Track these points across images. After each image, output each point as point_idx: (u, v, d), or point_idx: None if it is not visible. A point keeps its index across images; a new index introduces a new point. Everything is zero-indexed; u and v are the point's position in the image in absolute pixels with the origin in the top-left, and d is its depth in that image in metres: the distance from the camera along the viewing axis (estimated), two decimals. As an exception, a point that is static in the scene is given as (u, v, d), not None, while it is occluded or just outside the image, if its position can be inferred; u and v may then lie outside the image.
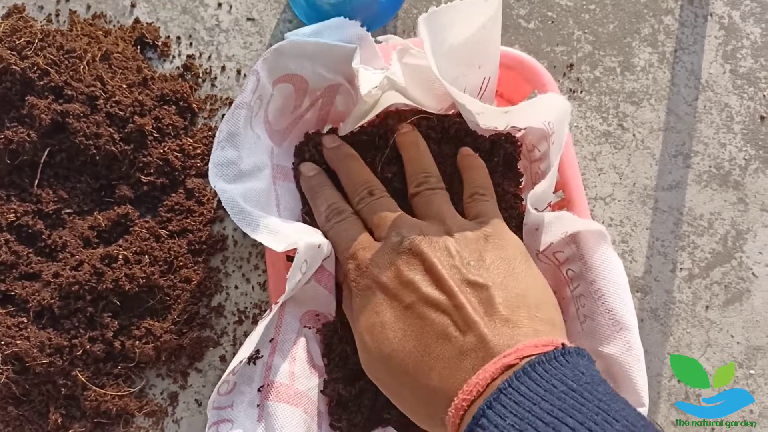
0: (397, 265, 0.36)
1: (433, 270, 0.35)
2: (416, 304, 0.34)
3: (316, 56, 0.40)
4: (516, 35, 0.53)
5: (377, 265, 0.36)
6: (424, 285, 0.35)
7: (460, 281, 0.34)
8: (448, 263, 0.35)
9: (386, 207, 0.39)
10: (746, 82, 0.52)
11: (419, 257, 0.36)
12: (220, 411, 0.35)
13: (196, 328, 0.46)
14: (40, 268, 0.44)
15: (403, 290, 0.35)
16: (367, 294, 0.36)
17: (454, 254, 0.35)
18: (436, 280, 0.35)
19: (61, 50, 0.46)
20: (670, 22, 0.53)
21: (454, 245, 0.36)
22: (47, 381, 0.43)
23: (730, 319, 0.48)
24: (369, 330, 0.35)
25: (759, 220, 0.50)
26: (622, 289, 0.37)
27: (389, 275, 0.36)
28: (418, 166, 0.41)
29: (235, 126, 0.37)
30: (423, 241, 0.36)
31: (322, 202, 0.41)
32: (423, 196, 0.40)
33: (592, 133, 0.51)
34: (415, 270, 0.35)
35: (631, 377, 0.35)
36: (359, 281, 0.37)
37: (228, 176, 0.37)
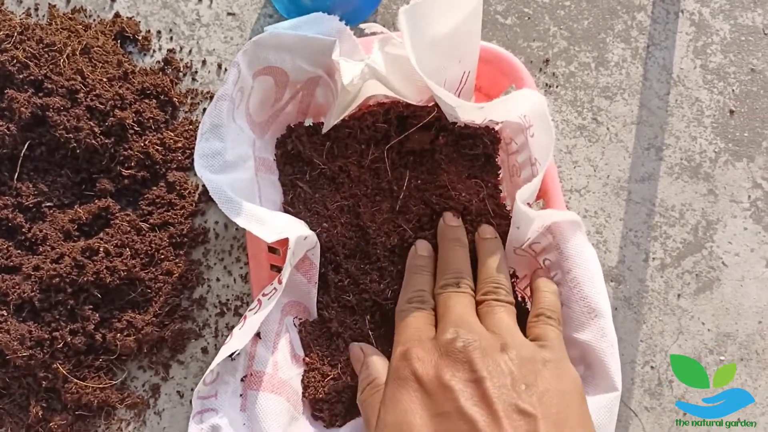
0: (441, 364, 0.33)
1: (480, 384, 0.32)
2: (452, 416, 0.31)
3: (296, 49, 0.40)
4: (493, 31, 0.54)
5: (421, 358, 0.34)
6: (464, 397, 0.32)
7: (507, 405, 0.31)
8: (499, 382, 0.32)
9: (462, 303, 0.37)
10: (716, 77, 0.54)
11: (468, 364, 0.33)
12: (204, 400, 0.36)
13: (178, 320, 0.46)
14: (21, 261, 0.44)
15: (441, 394, 0.32)
16: (402, 387, 0.34)
17: (507, 373, 0.33)
18: (482, 397, 0.32)
19: (41, 44, 0.46)
20: (643, 19, 0.54)
21: (508, 363, 0.33)
22: (28, 374, 0.43)
23: (701, 307, 0.50)
24: (395, 427, 0.32)
25: (728, 210, 0.51)
26: (596, 278, 0.38)
27: (430, 371, 0.33)
28: (492, 274, 0.39)
29: (218, 118, 0.38)
30: (476, 349, 0.33)
31: (415, 285, 0.39)
32: (488, 306, 0.37)
33: (568, 126, 0.52)
34: (459, 377, 0.33)
35: (604, 363, 0.36)
36: (398, 369, 0.35)
37: (214, 167, 0.37)
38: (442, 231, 0.41)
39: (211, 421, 0.35)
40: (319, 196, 0.44)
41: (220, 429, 0.34)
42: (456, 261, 0.40)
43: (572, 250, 0.39)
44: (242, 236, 0.48)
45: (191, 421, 0.34)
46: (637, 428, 0.47)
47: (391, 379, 0.35)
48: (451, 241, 0.41)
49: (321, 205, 0.43)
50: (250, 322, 0.35)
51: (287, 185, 0.44)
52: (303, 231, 0.38)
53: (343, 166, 0.44)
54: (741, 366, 0.49)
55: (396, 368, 0.35)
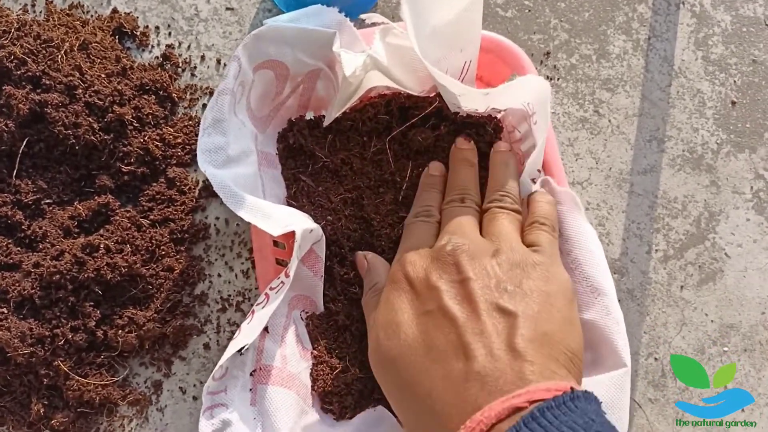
0: (431, 267, 0.35)
1: (464, 285, 0.34)
2: (434, 314, 0.33)
3: (296, 42, 0.40)
4: (494, 24, 0.53)
5: (413, 262, 0.36)
6: (448, 296, 0.34)
7: (489, 304, 0.33)
8: (483, 283, 0.34)
9: (464, 216, 0.38)
10: (717, 68, 0.54)
11: (455, 266, 0.35)
12: (214, 396, 0.35)
13: (180, 316, 0.46)
14: (20, 258, 0.43)
15: (427, 293, 0.34)
16: (394, 288, 0.36)
17: (492, 275, 0.34)
18: (465, 296, 0.33)
19: (38, 40, 0.46)
20: (644, 10, 0.54)
21: (495, 268, 0.34)
22: (29, 371, 0.42)
23: (704, 299, 0.50)
24: (385, 326, 0.35)
25: (731, 202, 0.51)
26: (597, 257, 0.38)
27: (420, 273, 0.35)
28: (500, 184, 0.40)
29: (220, 112, 0.37)
30: (465, 253, 0.35)
31: (424, 200, 0.41)
32: (491, 213, 0.39)
33: (569, 119, 0.52)
34: (446, 278, 0.34)
35: (611, 340, 0.36)
36: (394, 272, 0.37)
37: (217, 162, 0.37)
38: (452, 153, 0.43)
39: (221, 416, 0.34)
40: (323, 189, 0.43)
41: (230, 424, 0.34)
42: (463, 178, 0.41)
43: (572, 231, 0.39)
44: (243, 232, 0.48)
45: (201, 416, 0.34)
46: (641, 419, 0.47)
47: (388, 283, 0.37)
48: (460, 161, 0.42)
49: (324, 198, 0.43)
50: (258, 317, 0.35)
51: (290, 179, 0.44)
52: (308, 224, 0.37)
53: (346, 158, 0.44)
54: (744, 357, 0.49)
55: (393, 273, 0.37)
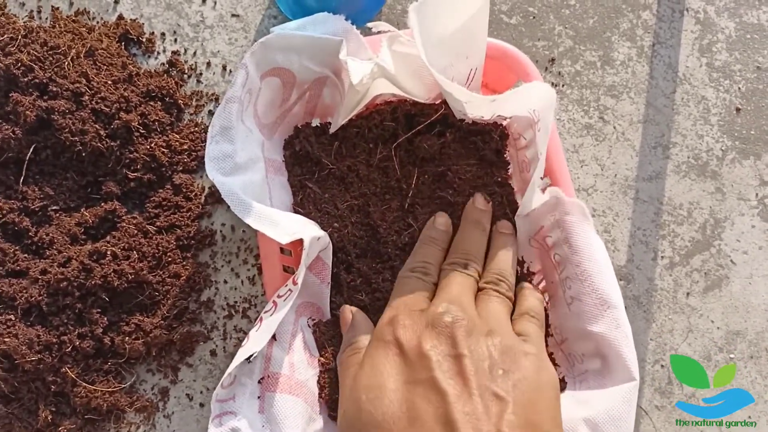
0: (425, 334, 0.34)
1: (458, 360, 0.33)
2: (424, 384, 0.32)
3: (303, 49, 0.40)
4: (498, 30, 0.53)
5: (405, 325, 0.35)
6: (440, 369, 0.32)
7: (482, 386, 0.32)
8: (478, 362, 0.33)
9: (463, 284, 0.37)
10: (722, 75, 0.54)
11: (451, 339, 0.33)
12: (223, 403, 0.35)
13: (186, 323, 0.46)
14: (27, 265, 0.44)
15: (418, 362, 0.33)
16: (382, 349, 0.34)
17: (486, 356, 0.33)
18: (458, 372, 0.32)
19: (45, 47, 0.46)
20: (648, 17, 0.54)
21: (490, 348, 0.34)
22: (36, 378, 0.42)
23: (710, 305, 0.50)
24: (368, 388, 0.33)
25: (736, 208, 0.51)
26: (606, 270, 0.38)
27: (412, 339, 0.34)
28: (498, 267, 0.40)
29: (227, 120, 0.37)
30: (463, 327, 0.34)
31: (423, 255, 0.40)
32: (486, 294, 0.38)
33: (574, 125, 0.52)
34: (440, 349, 0.33)
35: (620, 353, 0.36)
36: (383, 332, 0.35)
37: (225, 169, 0.37)
38: (467, 211, 0.42)
39: (230, 423, 0.35)
40: (329, 196, 0.43)
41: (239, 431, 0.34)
42: (471, 243, 0.40)
43: (581, 242, 0.39)
44: (249, 238, 0.48)
45: (210, 424, 0.34)
46: (648, 427, 0.47)
47: (374, 341, 0.35)
48: (473, 222, 0.41)
49: (331, 205, 0.43)
50: (267, 324, 0.35)
51: (296, 186, 0.44)
52: (316, 232, 0.37)
53: (352, 165, 0.44)
54: (751, 364, 0.49)
55: (381, 332, 0.35)
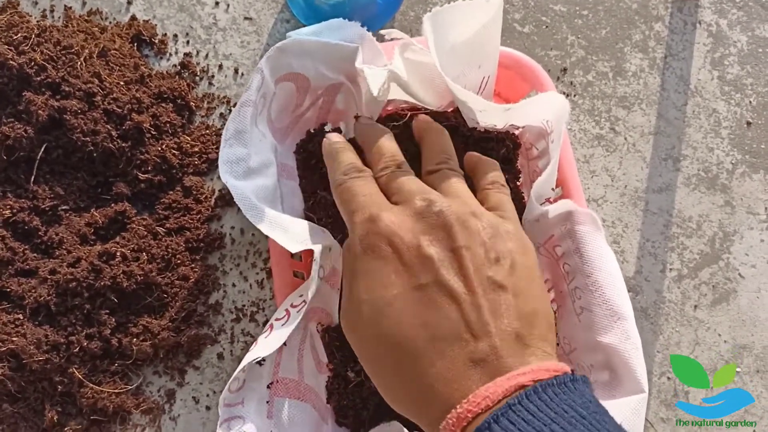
0: (420, 234, 0.32)
1: (458, 254, 0.32)
2: (431, 287, 0.31)
3: (319, 55, 0.40)
4: (511, 39, 0.53)
5: (394, 224, 0.32)
6: (444, 267, 0.31)
7: (483, 277, 0.31)
8: (475, 252, 0.32)
9: (412, 179, 0.36)
10: (733, 88, 0.54)
11: (447, 231, 0.32)
12: (231, 408, 0.35)
13: (194, 325, 0.46)
14: (37, 264, 0.43)
15: (420, 265, 0.32)
16: (376, 257, 0.32)
17: (480, 243, 0.32)
18: (460, 267, 0.31)
19: (58, 46, 0.46)
20: (661, 29, 0.54)
21: (481, 232, 0.33)
22: (43, 378, 0.42)
23: (718, 319, 0.50)
24: (371, 302, 0.32)
25: (745, 222, 0.51)
26: (617, 281, 0.38)
27: (408, 242, 0.32)
28: (439, 147, 0.38)
29: (242, 124, 0.37)
30: (453, 214, 0.32)
31: (344, 160, 0.37)
32: (442, 173, 0.36)
33: (585, 136, 0.52)
34: (439, 245, 0.32)
35: (630, 365, 0.36)
36: (369, 239, 0.33)
37: (238, 173, 0.37)
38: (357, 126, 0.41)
39: (238, 428, 0.35)
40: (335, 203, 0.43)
41: None
42: (388, 146, 0.38)
43: (592, 253, 0.39)
44: (258, 242, 0.48)
45: (219, 429, 0.34)
46: (654, 440, 0.47)
47: (361, 249, 0.33)
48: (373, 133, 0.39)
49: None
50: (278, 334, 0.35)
51: (307, 191, 0.44)
52: (327, 241, 0.37)
53: (364, 172, 0.44)
54: (757, 378, 0.49)
55: (365, 235, 0.33)
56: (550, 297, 0.34)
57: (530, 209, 0.41)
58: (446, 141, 0.39)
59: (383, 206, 0.34)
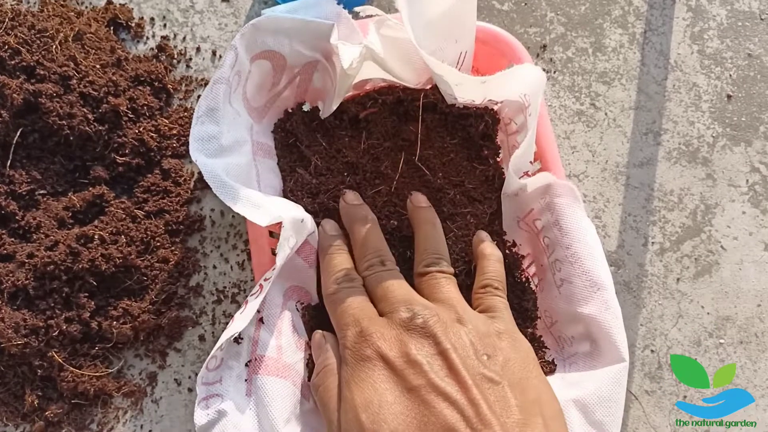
0: (406, 342, 0.33)
1: (446, 356, 0.32)
2: (422, 389, 0.32)
3: (294, 32, 0.40)
4: (490, 17, 0.53)
5: (383, 337, 0.34)
6: (433, 370, 0.32)
7: (475, 374, 0.32)
8: (464, 353, 0.33)
9: (397, 281, 0.37)
10: (713, 62, 0.54)
11: (431, 339, 0.33)
12: (209, 386, 0.35)
13: (175, 308, 0.45)
14: (14, 249, 0.43)
15: (410, 370, 0.32)
16: (366, 366, 0.33)
17: (468, 345, 0.33)
18: (449, 368, 0.32)
19: (33, 30, 0.46)
20: (640, 4, 0.54)
21: (468, 335, 0.34)
22: (23, 362, 0.42)
23: (701, 291, 0.50)
24: (366, 407, 0.32)
25: (726, 195, 0.51)
26: (596, 251, 0.38)
27: (395, 351, 0.33)
28: (432, 245, 0.39)
29: (214, 101, 0.37)
30: (437, 323, 0.34)
31: (338, 264, 0.38)
32: (433, 278, 0.37)
33: (566, 112, 0.52)
34: (425, 351, 0.33)
35: (610, 334, 0.36)
36: (359, 349, 0.34)
37: (209, 150, 0.37)
38: (345, 210, 0.41)
39: (216, 406, 0.34)
40: (317, 182, 0.43)
41: (226, 414, 0.34)
42: (372, 238, 0.39)
43: (571, 225, 0.39)
44: (238, 224, 0.48)
45: (197, 407, 0.34)
46: (638, 411, 0.47)
47: (352, 361, 0.34)
48: (361, 219, 0.40)
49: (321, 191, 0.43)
50: (251, 306, 0.35)
51: (286, 170, 0.43)
52: (298, 214, 0.37)
53: (341, 150, 0.44)
54: (741, 349, 0.49)
55: (355, 349, 0.34)
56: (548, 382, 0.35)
57: (509, 183, 0.41)
58: (439, 238, 0.40)
59: (372, 320, 0.35)
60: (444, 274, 0.38)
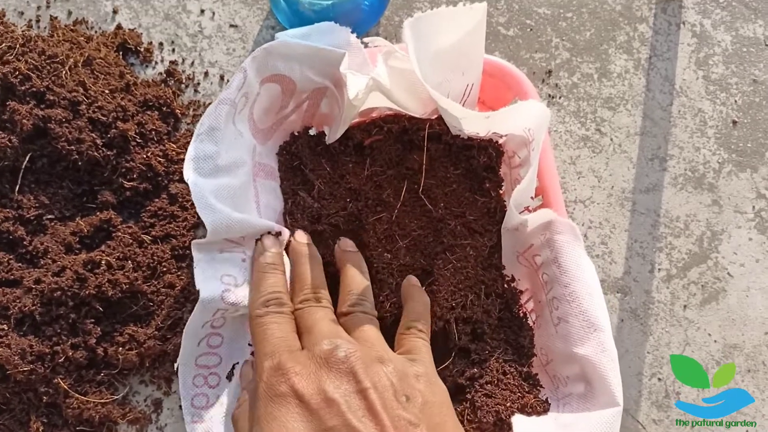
0: (323, 378, 0.32)
1: (365, 395, 0.32)
2: (338, 430, 0.31)
3: (306, 59, 0.40)
4: (496, 42, 0.54)
5: (298, 373, 0.33)
6: (351, 410, 0.31)
7: (394, 416, 0.32)
8: (384, 393, 0.32)
9: (327, 317, 0.36)
10: (718, 87, 0.54)
11: (351, 376, 0.33)
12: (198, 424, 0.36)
13: (180, 333, 0.45)
14: (21, 274, 0.43)
15: (326, 409, 0.31)
16: (278, 403, 0.32)
17: (389, 385, 0.33)
18: (368, 409, 0.32)
19: (43, 55, 0.46)
20: (645, 30, 0.55)
21: (389, 376, 0.33)
22: (28, 389, 0.42)
23: (707, 318, 0.49)
24: None
25: (733, 221, 0.51)
26: (595, 292, 0.38)
27: (311, 387, 0.32)
28: (357, 287, 0.39)
29: (216, 121, 0.38)
30: (358, 360, 0.33)
31: (272, 286, 0.37)
32: (355, 317, 0.37)
33: (571, 137, 0.52)
34: (344, 389, 0.32)
35: (605, 377, 0.36)
36: (273, 384, 0.33)
37: (203, 170, 0.37)
38: (292, 246, 0.41)
39: None
40: (319, 207, 0.43)
41: None
42: (314, 276, 0.39)
43: (570, 263, 0.39)
44: (245, 248, 0.48)
45: None
46: (646, 441, 0.47)
47: (265, 396, 0.33)
48: (304, 255, 0.40)
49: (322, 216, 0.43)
50: None
51: (288, 193, 0.44)
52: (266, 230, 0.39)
53: (345, 177, 0.44)
54: (748, 378, 0.49)
55: (269, 384, 0.33)
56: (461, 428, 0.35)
57: (509, 218, 0.41)
58: (362, 279, 0.40)
59: (292, 354, 0.34)
60: (366, 314, 0.38)
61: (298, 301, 0.38)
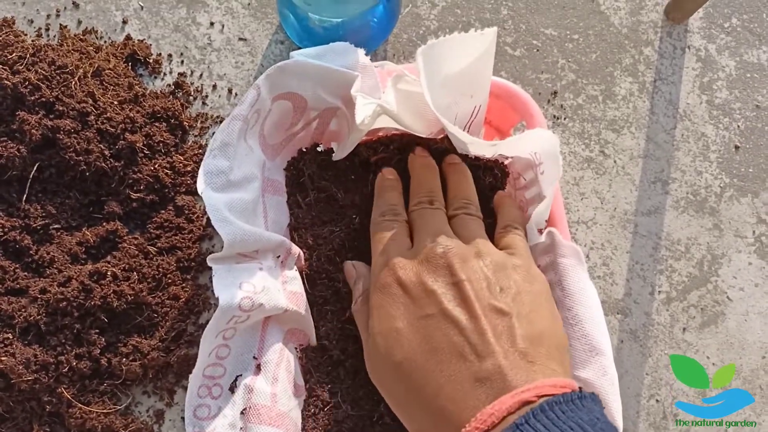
0: (424, 271, 0.36)
1: (460, 287, 0.35)
2: (435, 317, 0.34)
3: (319, 78, 0.40)
4: (502, 62, 0.54)
5: (403, 266, 0.36)
6: (447, 299, 0.35)
7: (485, 305, 0.34)
8: (477, 285, 0.35)
9: (437, 218, 0.39)
10: (721, 112, 0.54)
11: (448, 269, 0.36)
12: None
13: (184, 345, 0.46)
14: (27, 283, 0.43)
15: (425, 299, 0.35)
16: (386, 293, 0.36)
17: (483, 277, 0.35)
18: (462, 299, 0.34)
19: (53, 65, 0.46)
20: (650, 54, 0.55)
21: (483, 269, 0.36)
22: (32, 398, 0.42)
23: (706, 341, 0.50)
24: (383, 334, 0.35)
25: (733, 245, 0.52)
26: (597, 316, 0.39)
27: (413, 278, 0.36)
28: (462, 192, 0.41)
29: (229, 136, 0.38)
30: (456, 256, 0.36)
31: (388, 200, 0.41)
32: (461, 219, 0.40)
33: (575, 158, 0.53)
34: (441, 281, 0.35)
35: (605, 401, 0.36)
36: (382, 277, 0.37)
37: (216, 184, 0.38)
38: (412, 160, 0.44)
39: None
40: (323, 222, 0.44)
41: None
42: (428, 181, 0.42)
43: (574, 287, 0.39)
44: (250, 261, 0.48)
45: None
46: (643, 463, 0.47)
47: (376, 289, 0.37)
48: (423, 166, 0.43)
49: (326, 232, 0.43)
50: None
51: (293, 208, 0.44)
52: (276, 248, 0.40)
53: (351, 194, 0.44)
54: (745, 401, 0.49)
55: (379, 277, 0.37)
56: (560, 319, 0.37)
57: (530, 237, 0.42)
58: (470, 185, 0.42)
59: (400, 252, 0.38)
60: (470, 216, 0.40)
61: (413, 204, 0.41)
